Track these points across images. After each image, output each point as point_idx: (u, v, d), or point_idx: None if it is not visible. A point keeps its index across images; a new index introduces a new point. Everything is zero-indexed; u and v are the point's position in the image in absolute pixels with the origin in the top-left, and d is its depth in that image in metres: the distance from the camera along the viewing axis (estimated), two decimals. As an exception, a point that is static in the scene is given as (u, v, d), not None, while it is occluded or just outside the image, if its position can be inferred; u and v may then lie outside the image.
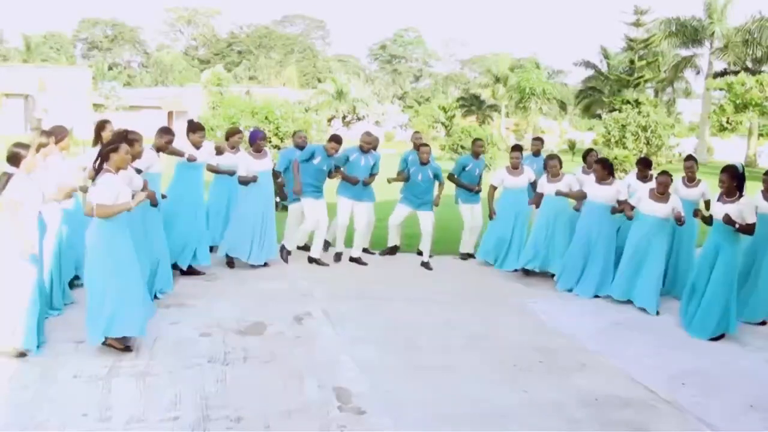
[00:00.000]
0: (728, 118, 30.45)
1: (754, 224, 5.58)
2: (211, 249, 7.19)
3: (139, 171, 5.30)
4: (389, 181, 8.07)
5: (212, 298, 6.03)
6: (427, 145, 7.91)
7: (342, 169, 7.59)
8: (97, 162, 4.56)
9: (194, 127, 6.79)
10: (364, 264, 7.73)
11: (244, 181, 6.98)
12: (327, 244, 7.96)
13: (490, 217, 7.78)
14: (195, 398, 3.99)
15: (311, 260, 7.60)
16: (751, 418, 4.19)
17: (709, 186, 7.05)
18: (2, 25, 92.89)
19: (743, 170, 5.69)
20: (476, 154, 8.30)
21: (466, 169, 8.23)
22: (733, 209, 5.54)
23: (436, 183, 7.88)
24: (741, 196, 5.61)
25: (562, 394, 4.36)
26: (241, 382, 4.26)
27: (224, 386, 4.19)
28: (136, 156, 5.23)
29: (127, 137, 4.88)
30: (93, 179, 4.67)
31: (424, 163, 7.77)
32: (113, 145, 4.58)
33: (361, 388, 4.27)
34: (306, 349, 4.96)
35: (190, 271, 6.71)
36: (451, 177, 8.20)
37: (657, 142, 21.44)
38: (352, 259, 7.77)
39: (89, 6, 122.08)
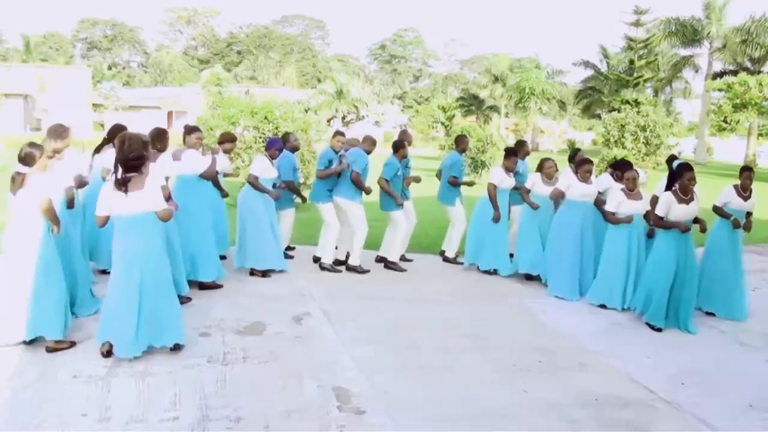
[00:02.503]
0: (725, 117, 30.54)
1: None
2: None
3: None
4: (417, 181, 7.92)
5: (211, 298, 6.02)
6: None
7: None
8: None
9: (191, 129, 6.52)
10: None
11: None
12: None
13: (496, 220, 7.30)
14: (195, 398, 3.99)
15: (324, 268, 7.37)
16: (751, 418, 4.19)
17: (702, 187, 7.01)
18: (2, 25, 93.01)
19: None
20: (463, 151, 8.17)
21: (462, 166, 8.21)
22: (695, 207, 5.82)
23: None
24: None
25: (562, 394, 4.36)
26: (240, 382, 4.26)
27: (224, 386, 4.18)
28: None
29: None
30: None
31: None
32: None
33: (360, 388, 4.27)
34: (305, 349, 4.95)
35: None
36: (454, 180, 7.89)
37: (656, 142, 21.54)
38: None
39: (88, 6, 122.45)
